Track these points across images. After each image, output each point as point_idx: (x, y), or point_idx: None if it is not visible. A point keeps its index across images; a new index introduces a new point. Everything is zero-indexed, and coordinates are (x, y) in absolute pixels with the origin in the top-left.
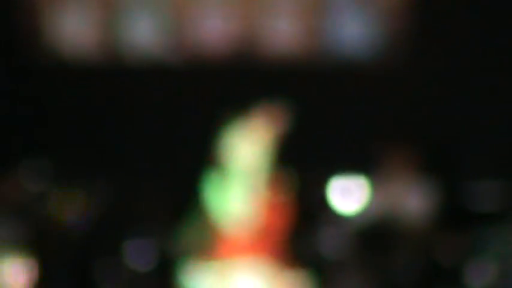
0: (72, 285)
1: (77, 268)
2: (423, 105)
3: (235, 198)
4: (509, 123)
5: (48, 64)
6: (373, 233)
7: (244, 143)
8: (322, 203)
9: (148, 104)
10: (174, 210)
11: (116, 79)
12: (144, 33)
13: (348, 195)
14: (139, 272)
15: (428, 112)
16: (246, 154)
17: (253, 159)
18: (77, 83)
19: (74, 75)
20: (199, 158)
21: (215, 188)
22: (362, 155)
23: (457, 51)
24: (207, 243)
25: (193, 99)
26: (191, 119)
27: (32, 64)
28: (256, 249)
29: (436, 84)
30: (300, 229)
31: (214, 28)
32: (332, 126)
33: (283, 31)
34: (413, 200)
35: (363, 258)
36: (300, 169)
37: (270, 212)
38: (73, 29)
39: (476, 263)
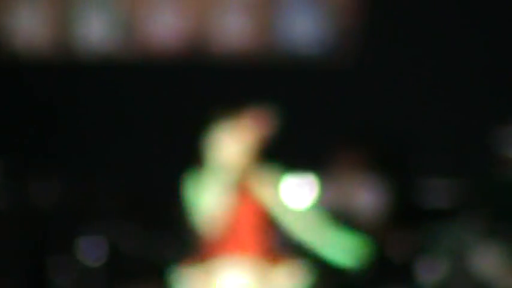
0: (23, 280)
1: (28, 263)
2: (373, 103)
3: (212, 196)
4: (458, 120)
5: (1, 60)
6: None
7: (226, 142)
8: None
9: (101, 100)
10: (126, 208)
11: (69, 75)
12: (96, 29)
13: (298, 192)
14: (90, 267)
15: (378, 110)
16: (228, 152)
17: (235, 158)
18: (30, 79)
19: (27, 71)
20: (151, 154)
21: (192, 186)
22: (312, 153)
23: (407, 49)
24: (191, 243)
25: (144, 95)
26: (142, 114)
27: None
28: (238, 247)
29: (386, 82)
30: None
31: (165, 24)
32: (282, 124)
33: (234, 27)
34: (363, 198)
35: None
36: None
37: (247, 208)
38: (26, 25)
39: (426, 259)
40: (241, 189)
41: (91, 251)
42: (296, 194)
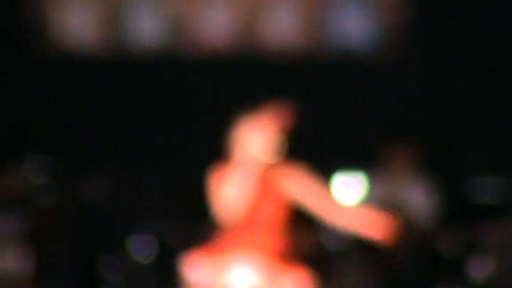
0: (75, 278)
1: (80, 261)
2: (424, 101)
3: (238, 190)
4: (509, 117)
5: (53, 57)
6: None
7: (251, 136)
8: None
9: (152, 97)
10: (174, 205)
11: (120, 72)
12: (147, 26)
13: (349, 189)
14: (141, 264)
15: (429, 107)
16: (253, 147)
17: (260, 152)
18: (81, 76)
19: (77, 68)
20: (203, 151)
21: (219, 181)
22: (364, 149)
23: (457, 46)
24: (209, 236)
25: (195, 92)
26: (193, 111)
27: (37, 57)
28: (256, 243)
29: (437, 80)
30: (303, 222)
31: (216, 21)
32: (334, 120)
33: (285, 24)
34: (415, 194)
35: (363, 250)
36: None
37: (272, 202)
38: (77, 22)
39: (478, 257)
40: (264, 183)
41: (141, 248)
42: (345, 191)
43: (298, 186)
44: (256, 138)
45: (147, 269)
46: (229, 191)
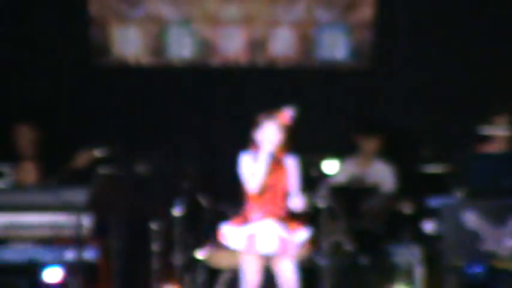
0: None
1: (133, 223)
2: (386, 100)
3: (262, 169)
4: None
5: (116, 66)
6: (346, 188)
7: (269, 132)
8: (318, 173)
9: (184, 100)
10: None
11: (163, 77)
12: (181, 41)
13: (330, 169)
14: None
15: (391, 106)
16: (272, 139)
17: (272, 142)
18: (133, 81)
19: (132, 74)
20: (233, 140)
21: (248, 164)
22: (340, 139)
23: (413, 55)
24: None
25: (226, 98)
26: (224, 114)
27: (103, 66)
28: (271, 210)
29: (398, 84)
30: (302, 189)
31: (234, 36)
32: (320, 120)
33: (284, 39)
34: (380, 171)
35: (341, 206)
36: (304, 151)
37: (278, 174)
38: (133, 38)
39: (427, 215)
40: (276, 163)
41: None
42: (328, 170)
43: (290, 173)
44: (276, 132)
45: (182, 222)
46: (253, 170)
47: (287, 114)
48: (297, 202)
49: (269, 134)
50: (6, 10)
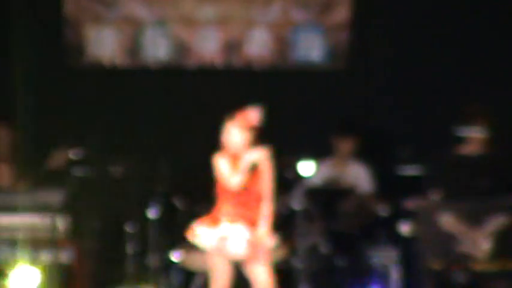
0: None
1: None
2: (363, 101)
3: (232, 169)
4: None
5: (91, 67)
6: (322, 190)
7: (230, 134)
8: (294, 174)
9: (158, 101)
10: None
11: (137, 78)
12: (156, 42)
13: (305, 171)
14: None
15: (367, 106)
16: (232, 141)
17: (240, 144)
18: (108, 81)
19: (107, 74)
20: (205, 142)
21: (223, 161)
22: (316, 140)
23: (388, 56)
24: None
25: (201, 99)
26: (199, 115)
27: (77, 67)
28: (244, 212)
29: (373, 84)
30: (278, 191)
31: (210, 37)
32: (295, 122)
33: (261, 41)
34: (356, 173)
35: (317, 208)
36: (279, 152)
37: (253, 177)
38: (108, 40)
39: (403, 217)
40: (249, 167)
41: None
42: (303, 172)
43: (265, 175)
44: (237, 133)
45: (156, 224)
46: (224, 172)
47: (251, 114)
48: (265, 210)
49: (229, 135)
50: None
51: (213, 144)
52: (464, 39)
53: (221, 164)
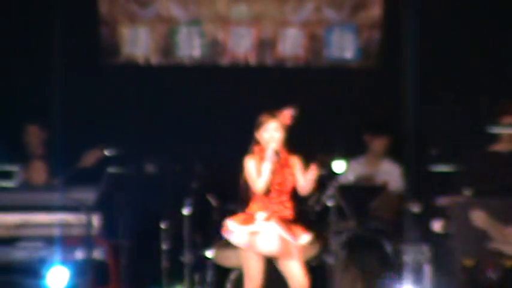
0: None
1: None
2: (395, 101)
3: (268, 168)
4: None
5: (125, 65)
6: (355, 187)
7: (272, 131)
8: (327, 172)
9: (193, 99)
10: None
11: (172, 75)
12: (190, 41)
13: (338, 169)
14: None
15: (397, 106)
16: (274, 138)
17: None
18: (143, 79)
19: (142, 72)
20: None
21: (253, 166)
22: (351, 140)
23: (420, 55)
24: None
25: (235, 98)
26: (233, 114)
27: (112, 65)
28: (278, 210)
29: (406, 83)
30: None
31: (243, 36)
32: (328, 120)
33: (291, 39)
34: (388, 171)
35: (349, 205)
36: (311, 152)
37: (283, 175)
38: (142, 38)
39: (436, 214)
40: (282, 162)
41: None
42: (336, 170)
43: (298, 170)
44: (279, 132)
45: (191, 221)
46: (252, 176)
47: (288, 113)
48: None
49: (272, 132)
50: (17, 10)
51: (247, 141)
52: (497, 38)
53: (250, 167)
